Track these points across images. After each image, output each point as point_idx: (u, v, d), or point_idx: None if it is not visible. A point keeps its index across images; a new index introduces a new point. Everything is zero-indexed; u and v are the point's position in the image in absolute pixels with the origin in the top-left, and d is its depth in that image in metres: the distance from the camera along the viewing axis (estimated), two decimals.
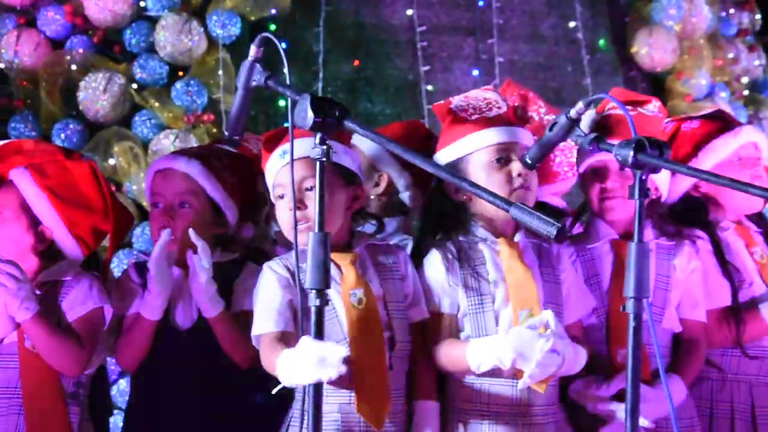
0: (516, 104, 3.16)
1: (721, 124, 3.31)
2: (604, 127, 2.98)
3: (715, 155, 3.24)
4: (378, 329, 2.73)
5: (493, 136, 2.88)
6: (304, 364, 2.35)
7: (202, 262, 2.94)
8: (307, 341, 2.36)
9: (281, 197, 2.77)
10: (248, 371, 3.02)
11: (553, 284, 2.90)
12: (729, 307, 3.16)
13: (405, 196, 3.27)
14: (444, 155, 2.95)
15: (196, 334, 3.03)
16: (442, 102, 3.01)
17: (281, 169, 2.76)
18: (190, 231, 2.96)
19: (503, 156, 2.87)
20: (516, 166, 2.85)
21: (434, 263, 2.89)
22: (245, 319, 2.90)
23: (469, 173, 2.88)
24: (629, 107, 3.04)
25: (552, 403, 2.85)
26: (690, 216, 3.23)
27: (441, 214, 2.96)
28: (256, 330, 2.74)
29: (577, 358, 2.75)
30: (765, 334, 3.15)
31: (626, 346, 2.79)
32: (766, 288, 3.20)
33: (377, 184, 3.29)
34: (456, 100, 3.00)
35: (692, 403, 3.12)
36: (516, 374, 2.72)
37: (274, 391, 2.51)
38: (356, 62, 5.49)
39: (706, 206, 3.26)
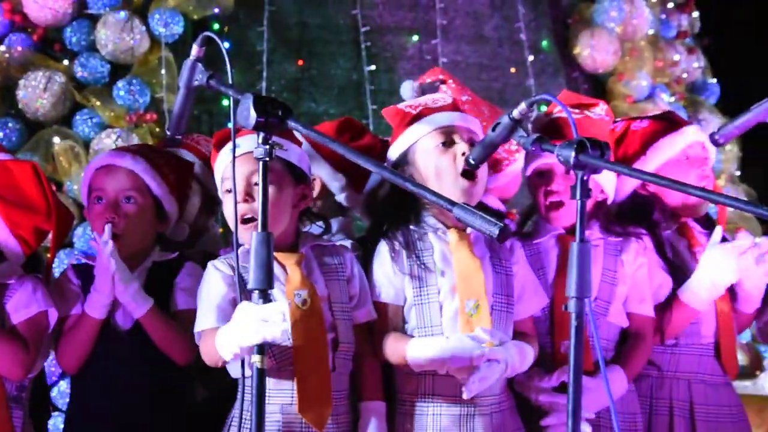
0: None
1: (669, 123, 3.35)
2: (552, 130, 3.01)
3: (662, 154, 3.28)
4: (322, 330, 2.72)
5: (434, 121, 2.94)
6: (247, 326, 2.31)
7: (114, 262, 2.92)
8: (246, 305, 2.34)
9: (229, 191, 2.76)
10: (190, 372, 3.01)
11: (504, 276, 2.93)
12: (662, 303, 3.21)
13: (341, 197, 3.26)
14: (394, 149, 3.00)
15: (137, 335, 3.01)
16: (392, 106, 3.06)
17: (229, 164, 2.75)
18: (107, 227, 2.95)
19: (447, 139, 2.91)
20: (460, 147, 2.89)
21: (381, 254, 2.91)
22: (185, 318, 2.89)
23: (417, 161, 2.93)
24: (576, 110, 3.08)
25: (499, 392, 2.88)
26: (636, 215, 3.27)
27: (392, 204, 2.97)
28: (198, 326, 2.73)
29: (524, 359, 2.80)
30: (693, 316, 3.19)
31: (568, 338, 2.89)
32: None
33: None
34: (405, 102, 3.07)
35: (636, 398, 3.16)
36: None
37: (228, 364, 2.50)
38: (300, 62, 5.47)
39: (653, 205, 3.29)
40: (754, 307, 3.27)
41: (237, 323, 2.37)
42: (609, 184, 3.15)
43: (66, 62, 5.06)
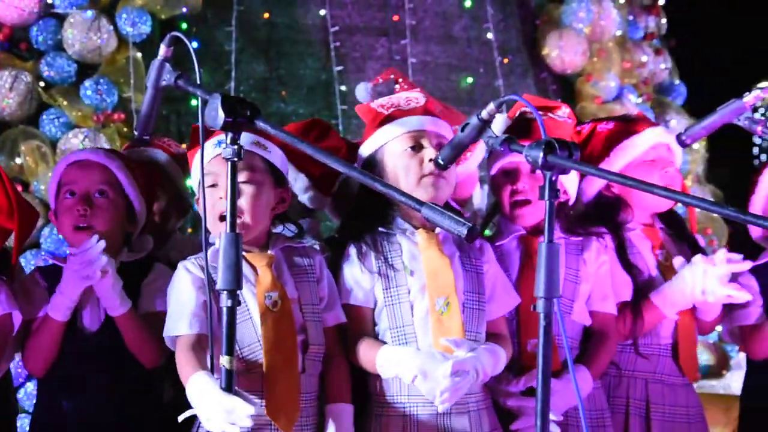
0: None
1: (633, 125, 3.37)
2: (516, 130, 3.03)
3: (626, 155, 3.30)
4: (292, 332, 2.72)
5: (404, 125, 2.94)
6: (212, 414, 2.38)
7: (106, 258, 2.91)
8: (217, 394, 2.38)
9: (213, 186, 2.75)
10: (157, 372, 3.00)
11: (474, 274, 2.94)
12: (628, 302, 3.24)
13: (304, 198, 3.25)
14: (365, 149, 3.01)
15: (104, 335, 2.99)
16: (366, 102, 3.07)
17: (214, 159, 2.74)
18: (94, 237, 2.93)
19: (415, 144, 2.92)
20: (428, 153, 2.90)
21: (349, 257, 2.92)
22: (154, 320, 2.87)
23: (386, 163, 2.94)
24: (540, 112, 3.09)
25: (477, 391, 2.88)
26: (601, 215, 3.30)
27: (360, 205, 2.98)
28: (170, 330, 2.70)
29: (497, 363, 2.83)
30: (660, 320, 3.22)
31: (536, 336, 2.91)
32: None
33: None
34: (379, 100, 3.06)
35: (603, 395, 3.18)
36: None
37: (180, 419, 2.51)
38: (269, 63, 5.46)
39: (617, 206, 3.31)
40: (714, 316, 3.29)
41: (203, 404, 2.43)
42: (571, 184, 3.18)
43: (32, 62, 5.02)
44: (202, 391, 2.44)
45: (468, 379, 2.73)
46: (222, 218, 2.67)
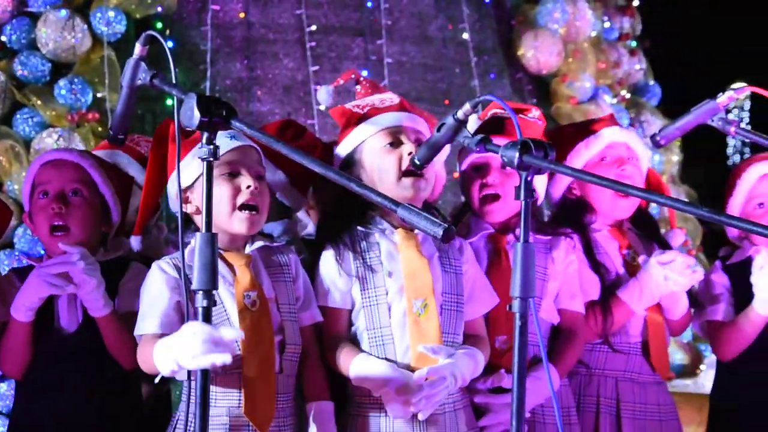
0: None
1: (592, 125, 3.41)
2: (488, 131, 3.04)
3: (580, 158, 3.34)
4: (269, 332, 2.71)
5: (381, 122, 2.96)
6: (195, 346, 2.25)
7: (88, 261, 2.90)
8: (196, 324, 2.28)
9: (232, 174, 2.74)
10: (135, 373, 2.98)
11: (453, 275, 2.94)
12: (596, 301, 3.26)
13: (282, 197, 3.25)
14: (342, 149, 3.01)
15: (82, 336, 2.98)
16: (339, 105, 3.07)
17: (235, 149, 2.76)
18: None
19: (394, 140, 2.93)
20: (407, 148, 2.91)
21: (327, 258, 2.91)
22: (131, 320, 2.86)
23: (364, 161, 2.95)
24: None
25: (454, 391, 2.87)
26: (567, 217, 3.33)
27: (338, 204, 2.98)
28: (138, 329, 2.69)
29: (476, 367, 2.85)
30: (629, 316, 3.25)
31: (504, 333, 2.98)
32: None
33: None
34: (354, 102, 3.07)
35: (570, 392, 3.20)
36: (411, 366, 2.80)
37: (156, 380, 2.46)
38: (245, 62, 5.46)
39: (581, 208, 3.35)
40: (681, 311, 3.32)
41: (182, 342, 2.30)
42: (540, 184, 3.21)
43: (5, 60, 4.99)
44: (179, 336, 2.33)
45: (445, 385, 2.74)
46: (243, 207, 2.71)
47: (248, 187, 2.74)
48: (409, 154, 2.88)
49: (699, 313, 3.43)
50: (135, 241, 3.00)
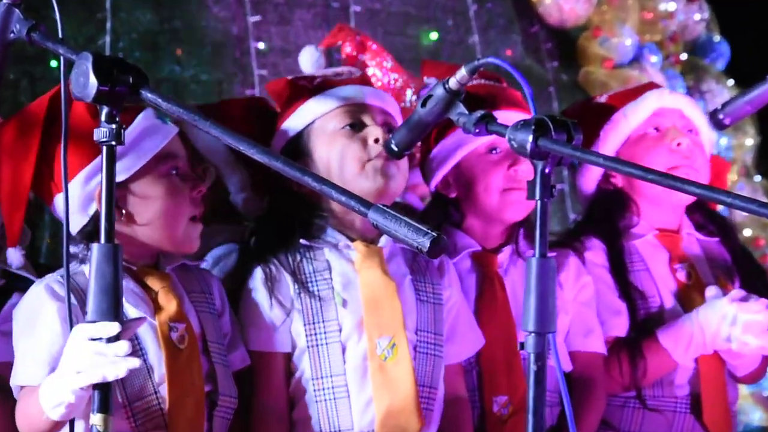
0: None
1: (632, 92, 3.41)
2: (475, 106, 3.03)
3: (618, 131, 3.33)
4: (199, 380, 2.72)
5: (337, 96, 2.96)
6: (79, 355, 2.25)
7: None
8: (80, 326, 2.27)
9: (176, 174, 2.76)
10: None
11: (431, 305, 2.95)
12: (623, 339, 3.24)
13: (237, 198, 3.25)
14: (281, 134, 3.01)
15: None
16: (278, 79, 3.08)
17: (172, 139, 2.78)
18: None
19: (355, 120, 2.94)
20: (373, 131, 2.91)
21: (256, 285, 2.92)
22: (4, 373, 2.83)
23: (314, 148, 2.95)
24: (504, 85, 3.13)
25: None
26: (601, 219, 3.33)
27: (273, 210, 3.00)
28: (20, 378, 2.65)
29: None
30: (670, 368, 3.23)
31: (504, 393, 2.96)
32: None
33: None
34: (300, 75, 3.10)
35: None
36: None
37: None
38: (158, 11, 5.46)
39: (617, 204, 3.34)
40: (747, 370, 3.31)
41: (66, 356, 2.30)
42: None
43: None
44: (60, 365, 2.34)
45: None
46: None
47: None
48: (376, 140, 2.89)
49: None
50: (13, 256, 2.99)
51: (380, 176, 2.89)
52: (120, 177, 2.69)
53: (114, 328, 2.23)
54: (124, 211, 2.75)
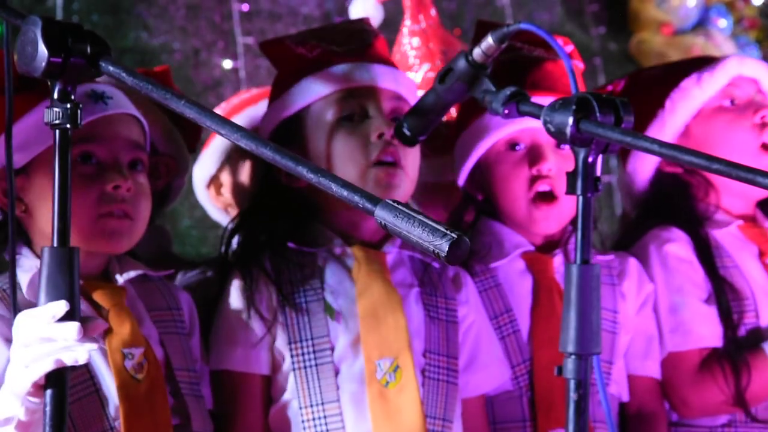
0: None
1: (699, 61, 3.43)
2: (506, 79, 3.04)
3: (691, 100, 3.35)
4: (164, 416, 2.73)
5: (335, 78, 2.95)
6: (24, 355, 2.22)
7: None
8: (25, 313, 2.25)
9: (93, 161, 2.73)
10: None
11: (444, 323, 2.96)
12: (719, 350, 3.25)
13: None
14: (272, 115, 3.03)
15: None
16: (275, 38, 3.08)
17: (97, 120, 2.73)
18: None
19: (355, 110, 2.94)
20: (376, 124, 2.91)
21: (233, 294, 2.94)
22: None
23: (308, 137, 2.97)
24: (540, 51, 3.14)
25: None
26: (664, 207, 3.35)
27: (255, 207, 3.02)
28: None
29: None
30: None
31: (560, 426, 2.93)
32: None
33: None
34: (300, 34, 3.09)
35: None
36: None
37: None
38: None
39: (686, 190, 3.35)
40: None
41: (12, 366, 2.27)
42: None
43: None
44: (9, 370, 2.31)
45: None
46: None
47: None
48: (380, 136, 2.89)
49: None
50: None
51: (380, 190, 2.87)
52: (19, 162, 2.70)
53: (61, 306, 2.19)
54: (25, 205, 2.76)
